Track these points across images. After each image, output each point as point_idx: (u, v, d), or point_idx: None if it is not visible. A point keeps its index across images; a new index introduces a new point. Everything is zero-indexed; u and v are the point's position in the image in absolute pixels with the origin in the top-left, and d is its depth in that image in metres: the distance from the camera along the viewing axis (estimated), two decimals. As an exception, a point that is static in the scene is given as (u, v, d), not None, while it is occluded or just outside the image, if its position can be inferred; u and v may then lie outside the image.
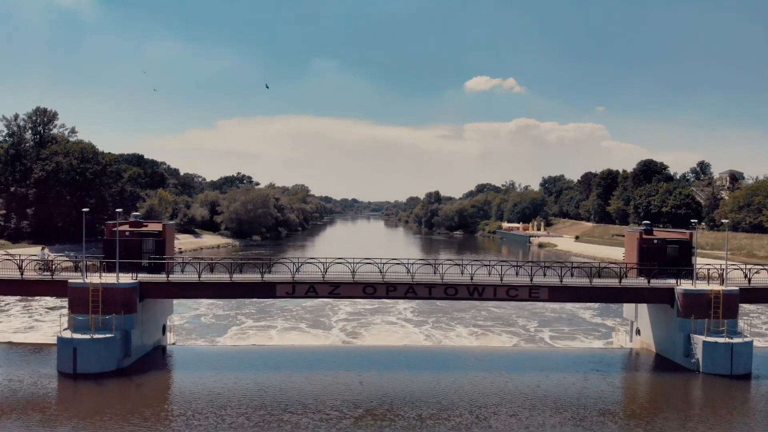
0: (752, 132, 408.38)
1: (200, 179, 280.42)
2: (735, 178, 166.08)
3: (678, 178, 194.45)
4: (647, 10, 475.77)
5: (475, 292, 36.21)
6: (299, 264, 37.13)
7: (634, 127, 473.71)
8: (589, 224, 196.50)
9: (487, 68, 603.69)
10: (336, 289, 36.05)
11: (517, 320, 55.85)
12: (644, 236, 42.64)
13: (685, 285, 38.09)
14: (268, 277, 36.45)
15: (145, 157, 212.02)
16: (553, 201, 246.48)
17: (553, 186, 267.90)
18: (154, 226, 40.63)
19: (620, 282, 38.30)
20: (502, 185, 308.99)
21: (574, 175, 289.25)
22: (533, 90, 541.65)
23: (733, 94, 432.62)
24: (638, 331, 43.27)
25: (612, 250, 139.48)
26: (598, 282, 38.16)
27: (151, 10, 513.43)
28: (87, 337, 33.67)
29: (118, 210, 41.55)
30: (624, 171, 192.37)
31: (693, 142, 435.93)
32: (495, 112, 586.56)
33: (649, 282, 38.29)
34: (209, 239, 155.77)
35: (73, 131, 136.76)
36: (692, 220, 58.11)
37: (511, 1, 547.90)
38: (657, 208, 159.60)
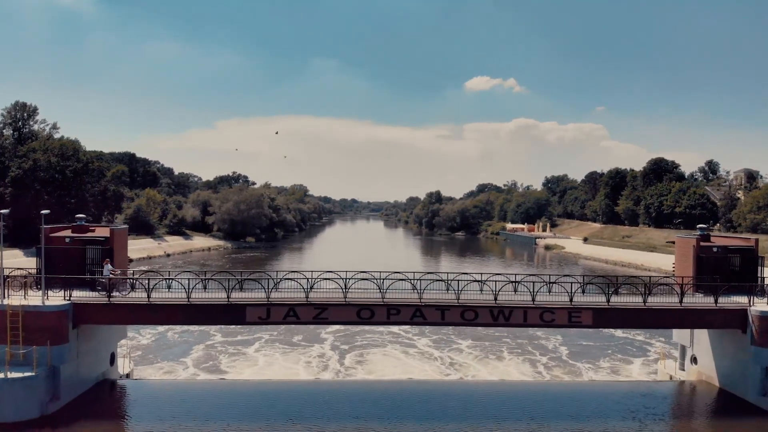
0: (753, 132, 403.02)
1: (196, 179, 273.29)
2: (752, 177, 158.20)
3: (686, 177, 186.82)
4: (647, 10, 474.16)
5: (500, 316, 28.39)
6: (277, 280, 29.41)
7: (634, 127, 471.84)
8: (597, 225, 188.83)
9: (487, 68, 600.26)
10: (323, 313, 28.26)
11: (535, 333, 48.37)
12: (702, 243, 34.93)
13: (762, 305, 30.39)
14: (236, 297, 28.66)
15: (140, 156, 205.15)
16: (557, 201, 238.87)
17: (557, 186, 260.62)
18: (101, 231, 32.81)
19: (681, 302, 30.32)
20: (504, 185, 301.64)
21: (574, 174, 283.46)
22: (534, 90, 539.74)
23: (734, 93, 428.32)
24: (694, 359, 35.49)
25: (624, 252, 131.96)
26: (653, 303, 30.28)
27: (151, 9, 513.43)
28: (0, 376, 26.05)
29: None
30: (632, 170, 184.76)
31: (693, 142, 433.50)
32: (495, 112, 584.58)
33: (716, 302, 30.48)
34: (200, 241, 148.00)
35: (54, 127, 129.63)
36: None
37: (512, 1, 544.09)
38: (670, 209, 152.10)
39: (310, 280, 29.35)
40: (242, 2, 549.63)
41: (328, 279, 29.38)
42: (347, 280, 28.97)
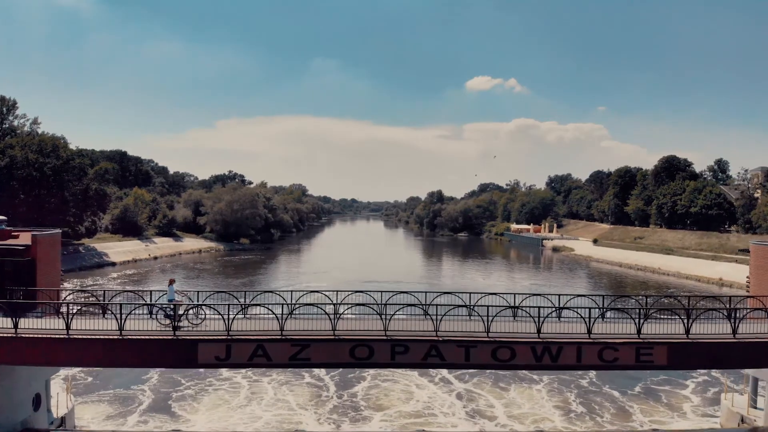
0: (757, 130, 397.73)
1: (192, 178, 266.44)
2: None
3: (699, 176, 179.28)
4: (648, 10, 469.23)
5: (546, 354, 20.87)
6: (243, 305, 21.97)
7: (635, 127, 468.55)
8: (605, 226, 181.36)
9: (488, 68, 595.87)
10: (303, 351, 20.66)
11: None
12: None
13: None
14: (185, 331, 21.36)
15: (132, 155, 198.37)
16: (562, 201, 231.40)
17: (561, 185, 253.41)
18: (24, 238, 25.42)
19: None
20: (507, 184, 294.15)
21: (575, 174, 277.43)
22: (534, 90, 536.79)
23: (735, 93, 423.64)
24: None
25: (639, 255, 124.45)
26: (745, 335, 22.63)
27: (152, 9, 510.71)
28: None
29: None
30: (640, 169, 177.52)
31: (694, 142, 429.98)
32: (495, 112, 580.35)
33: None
34: (191, 243, 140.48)
35: (35, 122, 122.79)
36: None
37: (513, 1, 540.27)
38: (684, 209, 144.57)
39: (289, 302, 21.98)
40: (243, 2, 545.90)
41: (312, 304, 21.92)
42: (338, 305, 21.56)
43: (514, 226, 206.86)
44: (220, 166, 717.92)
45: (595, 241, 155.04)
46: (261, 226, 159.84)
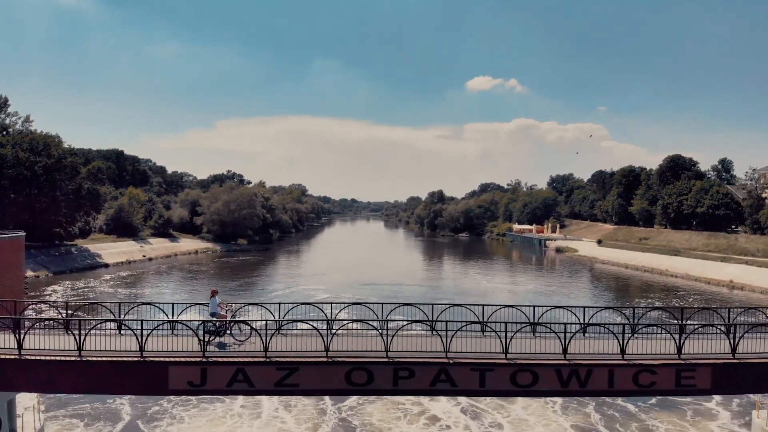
0: (755, 132, 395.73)
1: (191, 178, 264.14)
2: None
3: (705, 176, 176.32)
4: (649, 11, 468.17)
5: (573, 378, 17.98)
6: (227, 321, 19.04)
7: (635, 127, 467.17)
8: (609, 226, 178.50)
9: (489, 68, 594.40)
10: (291, 376, 17.65)
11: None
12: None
13: None
14: (153, 352, 18.30)
15: (130, 154, 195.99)
16: (564, 201, 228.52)
17: (562, 185, 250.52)
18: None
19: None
20: (508, 184, 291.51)
21: (576, 174, 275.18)
22: (535, 90, 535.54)
23: (735, 94, 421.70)
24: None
25: (645, 256, 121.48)
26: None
27: (152, 10, 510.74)
28: None
29: None
30: (643, 168, 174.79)
31: (695, 142, 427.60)
32: (495, 112, 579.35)
33: None
34: (187, 244, 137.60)
35: (27, 120, 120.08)
36: None
37: (514, 1, 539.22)
38: (690, 209, 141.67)
39: (278, 318, 19.09)
40: (243, 2, 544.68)
41: (302, 320, 19.00)
42: (332, 321, 18.67)
43: (516, 227, 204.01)
44: (220, 167, 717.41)
45: (599, 242, 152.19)
46: (259, 226, 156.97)
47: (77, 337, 17.76)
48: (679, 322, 20.80)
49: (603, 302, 73.25)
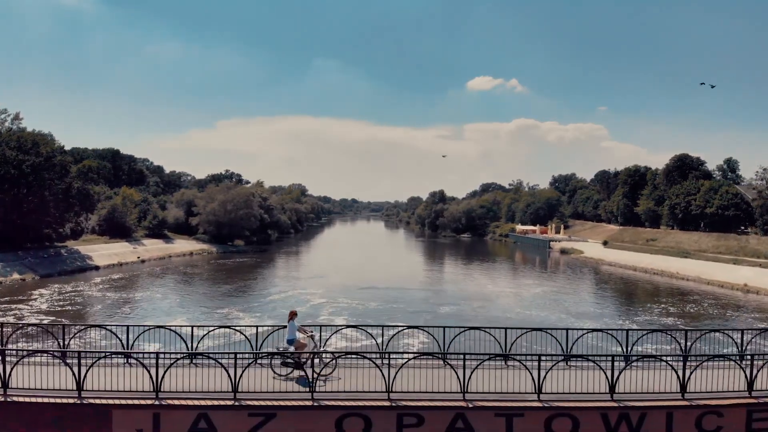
0: (756, 132, 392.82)
1: (189, 178, 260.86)
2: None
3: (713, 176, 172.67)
4: (650, 11, 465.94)
5: (623, 424, 14.43)
6: (188, 353, 15.36)
7: (635, 127, 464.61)
8: (614, 227, 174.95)
9: (489, 69, 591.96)
10: (266, 424, 13.87)
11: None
12: None
13: None
14: (92, 392, 14.66)
15: (126, 153, 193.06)
16: (567, 201, 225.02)
17: (565, 185, 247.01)
18: None
19: None
20: (509, 184, 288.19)
21: (578, 174, 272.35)
22: (535, 90, 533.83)
23: (735, 94, 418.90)
24: None
25: (654, 258, 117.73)
26: None
27: (152, 10, 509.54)
28: None
29: None
30: (649, 168, 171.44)
31: (696, 142, 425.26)
32: (496, 112, 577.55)
33: None
34: (182, 245, 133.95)
35: (17, 117, 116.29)
36: None
37: (515, 1, 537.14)
38: (699, 209, 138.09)
39: (252, 345, 15.37)
40: (244, 3, 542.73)
41: (281, 353, 15.21)
42: (320, 353, 14.95)
43: (519, 227, 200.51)
44: (221, 167, 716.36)
45: (605, 243, 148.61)
46: (256, 227, 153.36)
47: (2, 372, 14.13)
48: (740, 348, 17.17)
49: (614, 308, 69.67)
